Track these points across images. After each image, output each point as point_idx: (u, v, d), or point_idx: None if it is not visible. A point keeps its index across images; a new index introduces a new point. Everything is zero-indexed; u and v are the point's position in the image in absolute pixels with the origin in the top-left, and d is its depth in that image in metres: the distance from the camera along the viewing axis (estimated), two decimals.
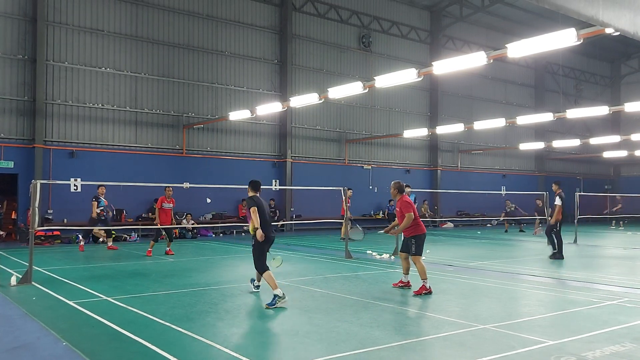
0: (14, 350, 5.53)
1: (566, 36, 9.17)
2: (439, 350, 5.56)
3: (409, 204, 8.88)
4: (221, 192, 21.26)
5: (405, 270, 9.14)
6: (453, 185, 29.08)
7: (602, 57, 38.19)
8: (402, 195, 9.07)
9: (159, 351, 5.42)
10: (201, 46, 21.97)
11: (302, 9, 24.75)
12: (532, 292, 9.00)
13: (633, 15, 5.49)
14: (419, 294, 8.53)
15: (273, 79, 23.94)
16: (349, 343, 5.77)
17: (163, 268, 11.75)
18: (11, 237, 18.66)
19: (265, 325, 6.63)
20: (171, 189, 14.13)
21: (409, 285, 9.07)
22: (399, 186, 9.10)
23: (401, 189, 9.11)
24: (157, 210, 13.96)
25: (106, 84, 19.78)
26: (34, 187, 9.88)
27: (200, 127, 21.70)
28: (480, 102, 31.31)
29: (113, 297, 8.21)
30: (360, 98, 25.28)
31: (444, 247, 17.31)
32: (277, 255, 8.99)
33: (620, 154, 31.29)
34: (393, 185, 9.17)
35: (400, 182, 9.21)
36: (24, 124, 18.28)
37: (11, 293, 8.60)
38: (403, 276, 9.19)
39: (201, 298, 8.25)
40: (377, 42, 27.21)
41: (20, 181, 18.05)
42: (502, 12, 30.37)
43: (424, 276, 8.65)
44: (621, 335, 6.11)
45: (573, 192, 21.12)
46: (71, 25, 19.08)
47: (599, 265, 12.87)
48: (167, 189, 14.02)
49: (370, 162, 26.87)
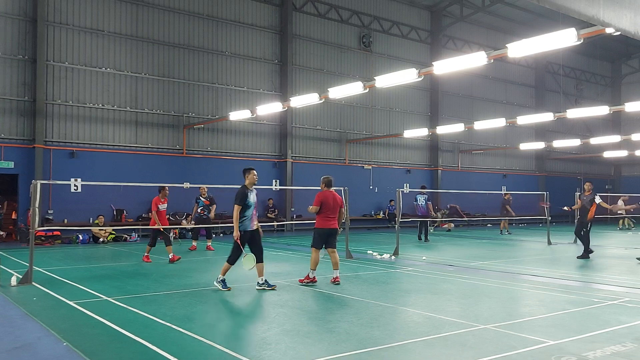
0: (14, 351, 5.52)
1: (567, 36, 9.16)
2: (440, 350, 5.55)
3: (316, 198, 9.56)
4: (221, 192, 21.22)
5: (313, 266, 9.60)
6: (453, 186, 29.07)
7: (603, 57, 38.17)
8: (325, 189, 9.69)
9: (160, 351, 5.42)
10: (201, 46, 21.97)
11: (303, 9, 24.75)
12: (532, 292, 9.00)
13: (634, 15, 5.48)
14: (301, 282, 9.48)
15: (273, 79, 23.94)
16: (349, 343, 5.76)
17: (163, 268, 11.75)
18: (11, 237, 18.66)
19: (266, 325, 6.63)
20: (167, 189, 13.48)
21: (314, 281, 9.53)
22: (325, 181, 9.77)
23: (327, 184, 9.74)
24: (154, 213, 12.97)
25: (106, 84, 19.78)
26: (34, 187, 9.88)
27: (201, 127, 21.70)
28: (481, 102, 31.30)
29: (113, 297, 8.21)
30: (360, 98, 25.27)
31: (444, 247, 17.31)
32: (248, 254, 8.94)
33: (620, 153, 31.28)
34: (321, 180, 9.82)
35: (327, 177, 9.82)
36: (24, 124, 18.28)
37: (11, 293, 8.60)
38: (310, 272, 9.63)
39: (201, 298, 8.24)
40: (378, 42, 27.20)
41: (20, 181, 18.05)
42: (502, 12, 30.38)
43: (313, 267, 9.46)
44: (622, 335, 6.10)
45: (573, 192, 21.11)
46: (71, 25, 19.08)
47: (600, 265, 12.86)
48: (164, 189, 13.29)
49: (371, 162, 26.86)
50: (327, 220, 9.56)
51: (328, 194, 9.65)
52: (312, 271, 9.49)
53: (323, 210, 9.52)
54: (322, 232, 9.57)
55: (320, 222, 9.60)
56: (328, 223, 9.56)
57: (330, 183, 9.79)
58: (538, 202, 23.37)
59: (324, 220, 9.56)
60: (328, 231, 9.58)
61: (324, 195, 9.62)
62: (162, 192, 13.19)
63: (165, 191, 13.26)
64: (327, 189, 9.73)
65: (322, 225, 9.57)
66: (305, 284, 9.40)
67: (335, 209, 9.61)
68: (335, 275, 9.56)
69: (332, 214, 9.57)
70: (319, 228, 9.60)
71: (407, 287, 9.52)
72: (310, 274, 9.50)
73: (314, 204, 9.58)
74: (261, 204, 22.75)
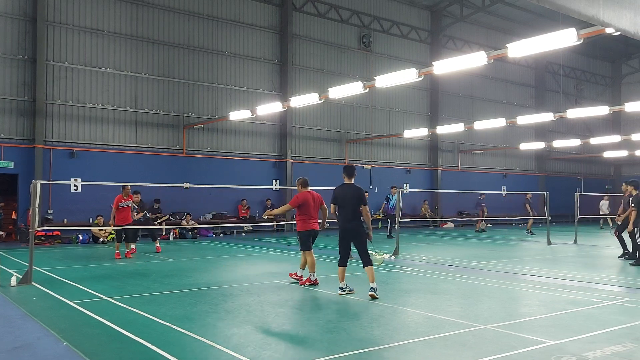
0: (14, 351, 5.52)
1: (566, 36, 9.16)
2: (439, 350, 5.54)
3: (297, 198, 9.46)
4: (221, 192, 21.26)
5: (302, 265, 9.67)
6: (453, 185, 29.07)
7: (603, 57, 38.15)
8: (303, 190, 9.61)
9: (159, 351, 5.42)
10: (201, 46, 21.97)
11: (303, 9, 24.74)
12: (532, 292, 8.99)
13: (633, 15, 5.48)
14: (303, 284, 9.38)
15: (273, 79, 23.93)
16: (349, 343, 5.76)
17: (163, 268, 11.75)
18: (11, 237, 18.67)
19: (265, 325, 6.63)
20: (129, 187, 13.52)
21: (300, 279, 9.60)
22: (302, 182, 9.73)
23: (304, 184, 9.69)
24: (113, 209, 13.24)
25: (106, 84, 19.78)
26: (34, 187, 9.88)
27: (201, 127, 21.70)
28: (481, 102, 31.29)
29: (113, 297, 8.21)
30: (360, 98, 25.26)
31: (444, 247, 17.31)
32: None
33: (620, 153, 31.26)
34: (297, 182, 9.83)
35: (303, 178, 9.81)
36: (24, 124, 18.28)
37: (11, 293, 8.60)
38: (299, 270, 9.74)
39: (201, 298, 8.24)
40: (378, 42, 27.20)
41: (20, 181, 18.04)
42: (502, 12, 30.37)
43: (312, 269, 9.39)
44: (622, 335, 6.10)
45: (573, 192, 21.12)
46: (71, 25, 19.08)
47: (600, 265, 12.86)
48: (126, 187, 13.39)
49: (371, 162, 26.86)
50: (309, 222, 9.46)
51: (307, 194, 9.55)
52: (313, 274, 9.40)
53: (304, 212, 9.43)
54: (307, 234, 9.46)
55: (302, 225, 9.47)
56: (310, 225, 9.47)
57: (307, 183, 9.69)
58: (538, 203, 23.32)
59: (306, 223, 9.45)
60: (314, 232, 9.55)
61: (303, 196, 9.48)
62: (124, 191, 13.45)
63: (126, 190, 13.46)
64: (305, 190, 9.64)
65: (305, 228, 9.46)
66: (306, 286, 9.35)
67: (316, 208, 9.60)
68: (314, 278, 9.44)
69: (313, 214, 9.52)
70: (303, 230, 9.47)
71: (407, 287, 9.52)
72: (311, 277, 9.39)
73: (291, 204, 9.52)
74: (260, 204, 22.81)
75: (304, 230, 9.46)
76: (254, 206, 22.58)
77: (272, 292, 8.82)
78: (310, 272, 9.41)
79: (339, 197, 8.55)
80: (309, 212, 9.46)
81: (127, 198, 13.51)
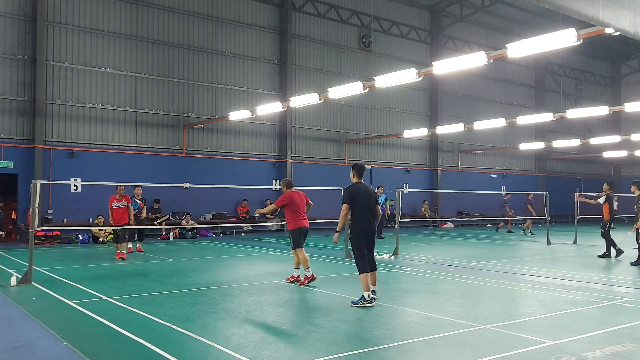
0: (14, 351, 5.53)
1: (566, 36, 9.16)
2: (439, 350, 5.55)
3: (283, 198, 9.67)
4: (221, 192, 21.25)
5: (296, 265, 9.72)
6: (453, 186, 29.08)
7: (603, 57, 38.18)
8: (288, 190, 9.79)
9: (159, 351, 5.42)
10: (201, 46, 21.97)
11: (302, 9, 24.75)
12: (532, 292, 9.00)
13: (633, 15, 5.49)
14: (303, 284, 9.38)
15: (273, 79, 23.94)
16: (349, 343, 5.76)
17: (163, 268, 11.75)
18: (11, 237, 18.67)
19: (265, 325, 6.63)
20: (123, 187, 13.47)
21: (298, 280, 9.63)
22: (286, 183, 9.95)
23: (288, 185, 9.89)
24: (109, 210, 13.34)
25: (106, 84, 19.78)
26: (34, 187, 9.88)
27: (200, 127, 21.70)
28: (481, 102, 31.30)
29: (113, 297, 8.21)
30: (360, 98, 25.27)
31: (444, 247, 17.31)
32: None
33: (620, 154, 31.27)
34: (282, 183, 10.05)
35: (287, 179, 10.13)
36: (24, 124, 18.28)
37: (11, 293, 8.60)
38: (294, 271, 9.78)
39: (201, 298, 8.25)
40: (377, 42, 27.20)
41: (20, 181, 18.04)
42: (502, 12, 30.39)
43: (306, 265, 9.44)
44: (621, 335, 6.11)
45: (573, 192, 21.12)
46: (71, 25, 19.08)
47: (600, 265, 12.86)
48: (119, 187, 13.37)
49: (371, 162, 26.85)
50: (299, 220, 9.60)
51: (292, 193, 9.74)
52: (308, 269, 9.50)
53: (292, 210, 9.57)
54: (299, 232, 9.59)
55: (293, 223, 9.59)
56: (300, 222, 9.61)
57: (291, 184, 9.94)
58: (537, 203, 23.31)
59: (296, 221, 9.59)
60: (305, 230, 9.68)
61: (288, 195, 9.68)
62: (117, 191, 13.44)
63: (119, 190, 13.42)
64: (289, 190, 9.81)
65: (297, 225, 9.59)
66: (306, 285, 9.40)
67: (303, 205, 9.74)
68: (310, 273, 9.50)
69: (302, 212, 9.67)
70: (295, 228, 9.57)
71: (406, 287, 9.52)
72: (307, 273, 9.50)
73: (277, 203, 9.73)
74: (260, 204, 22.79)
75: (295, 228, 9.60)
76: (253, 206, 22.57)
77: (271, 292, 8.83)
78: (304, 268, 9.50)
79: (356, 197, 7.82)
80: (297, 210, 9.61)
81: (121, 198, 13.43)
